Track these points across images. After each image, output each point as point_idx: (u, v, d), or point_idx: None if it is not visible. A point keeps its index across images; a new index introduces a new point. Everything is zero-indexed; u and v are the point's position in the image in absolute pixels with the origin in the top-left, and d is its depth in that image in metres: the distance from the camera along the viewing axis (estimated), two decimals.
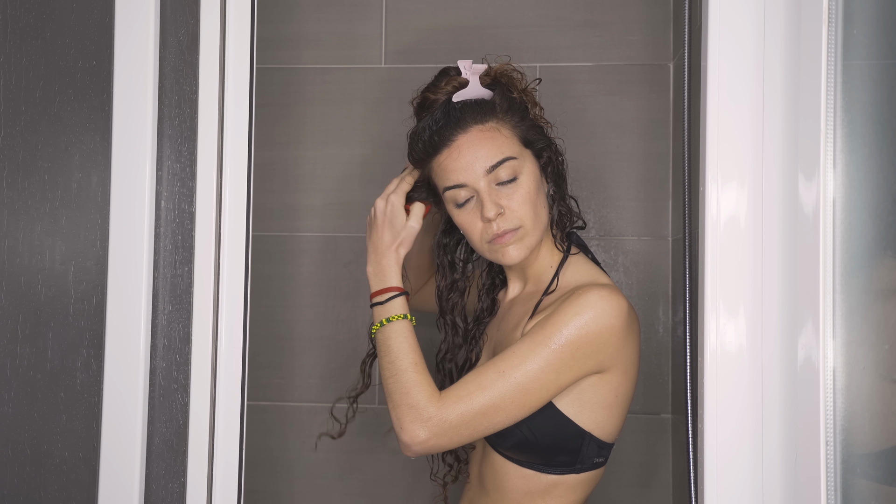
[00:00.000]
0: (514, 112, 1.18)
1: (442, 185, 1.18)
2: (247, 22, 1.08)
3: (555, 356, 1.09)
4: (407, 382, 1.12)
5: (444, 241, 1.30)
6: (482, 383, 1.10)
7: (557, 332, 1.09)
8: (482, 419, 1.10)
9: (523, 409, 1.11)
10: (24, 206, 1.08)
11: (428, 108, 1.21)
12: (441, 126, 1.16)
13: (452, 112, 1.16)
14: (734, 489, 0.95)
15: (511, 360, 1.10)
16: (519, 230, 1.15)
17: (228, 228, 1.07)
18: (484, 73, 1.20)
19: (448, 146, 1.16)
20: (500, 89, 1.19)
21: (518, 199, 1.14)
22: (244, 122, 1.07)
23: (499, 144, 1.15)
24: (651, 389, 1.69)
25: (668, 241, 1.69)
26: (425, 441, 1.10)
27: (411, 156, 1.23)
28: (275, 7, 1.76)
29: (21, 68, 1.08)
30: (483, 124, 1.15)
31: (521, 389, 1.09)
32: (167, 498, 1.06)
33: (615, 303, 1.11)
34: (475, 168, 1.14)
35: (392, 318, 1.17)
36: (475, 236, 1.17)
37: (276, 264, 1.77)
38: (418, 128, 1.20)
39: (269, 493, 1.76)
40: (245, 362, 1.07)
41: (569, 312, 1.10)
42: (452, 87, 1.18)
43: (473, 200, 1.16)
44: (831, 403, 0.85)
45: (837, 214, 0.86)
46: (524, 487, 1.18)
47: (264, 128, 1.72)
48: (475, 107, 1.16)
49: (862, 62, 0.86)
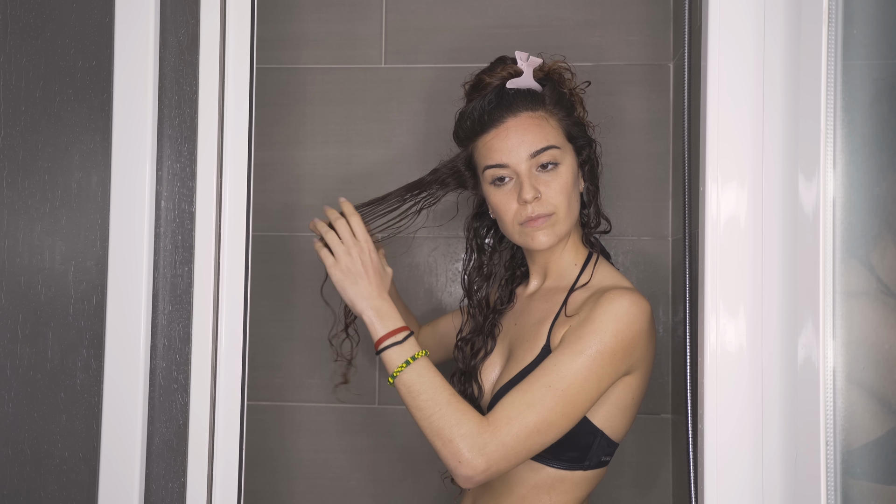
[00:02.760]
0: (562, 106, 1.23)
1: (484, 163, 1.21)
2: (247, 22, 1.08)
3: (596, 364, 1.09)
4: (454, 414, 1.08)
5: (475, 225, 1.35)
6: (531, 400, 1.08)
7: (597, 340, 1.10)
8: (536, 437, 1.08)
9: (572, 421, 1.10)
10: (24, 206, 1.08)
11: (480, 91, 1.24)
12: (494, 107, 1.20)
13: (505, 96, 1.20)
14: (734, 489, 0.95)
15: (556, 372, 1.09)
16: (552, 216, 1.17)
17: (228, 228, 1.07)
18: (538, 68, 1.23)
19: (496, 126, 1.19)
20: (550, 84, 1.23)
21: (556, 186, 1.17)
22: (244, 122, 1.07)
23: (545, 132, 1.18)
24: (651, 389, 1.69)
25: (668, 241, 1.69)
26: (486, 469, 1.06)
27: (458, 133, 1.26)
28: (275, 7, 1.76)
29: (21, 68, 1.08)
30: (533, 112, 1.19)
31: (569, 401, 1.08)
32: (167, 498, 1.06)
33: (644, 307, 1.13)
34: (520, 151, 1.17)
35: (417, 356, 1.13)
36: (508, 217, 1.20)
37: (276, 264, 1.77)
38: (469, 107, 1.24)
39: (269, 493, 1.76)
40: (245, 362, 1.07)
41: (604, 319, 1.10)
42: (508, 73, 1.22)
43: (512, 182, 1.19)
44: (831, 403, 0.85)
45: (837, 214, 0.86)
46: (531, 480, 1.19)
47: (264, 128, 1.72)
48: (527, 94, 1.20)
49: (862, 62, 0.85)
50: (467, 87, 1.29)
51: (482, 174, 1.22)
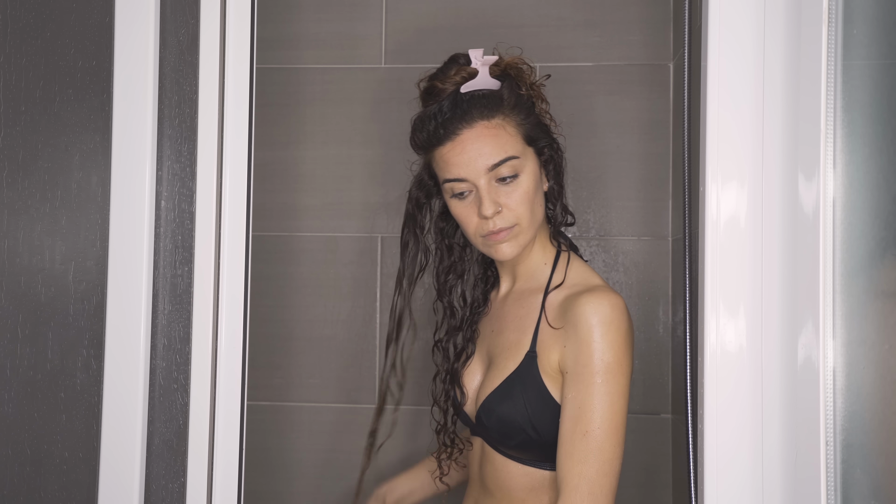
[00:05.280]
0: (520, 108, 1.18)
1: (442, 175, 1.18)
2: (247, 22, 1.08)
3: (610, 384, 1.09)
4: None
5: (442, 226, 1.32)
6: (581, 457, 1.08)
7: (599, 361, 1.09)
8: (605, 480, 1.08)
9: (622, 444, 1.10)
10: (24, 206, 1.08)
11: (435, 96, 1.19)
12: (447, 118, 1.15)
13: (459, 104, 1.15)
14: (734, 489, 0.95)
15: (583, 415, 1.08)
16: (514, 228, 1.15)
17: (228, 228, 1.07)
18: (494, 64, 1.19)
19: (452, 139, 1.15)
20: (508, 83, 1.18)
21: (516, 197, 1.14)
22: (244, 122, 1.07)
23: (502, 142, 1.14)
24: (651, 389, 1.69)
25: (668, 241, 1.69)
26: None
27: (414, 141, 1.22)
28: (275, 7, 1.76)
29: (21, 68, 1.08)
30: (489, 120, 1.15)
31: (609, 431, 1.08)
32: (167, 498, 1.06)
33: (621, 305, 1.12)
34: (477, 164, 1.13)
35: None
36: (470, 229, 1.18)
37: (276, 264, 1.77)
38: (424, 115, 1.19)
39: (269, 493, 1.76)
40: (245, 362, 1.07)
41: (595, 336, 1.09)
42: (461, 77, 1.18)
43: (472, 195, 1.16)
44: (831, 403, 0.85)
45: (837, 214, 0.86)
46: (528, 484, 1.18)
47: (264, 128, 1.72)
48: (482, 101, 1.15)
49: (862, 62, 0.85)
50: (421, 90, 1.24)
51: (442, 186, 1.20)
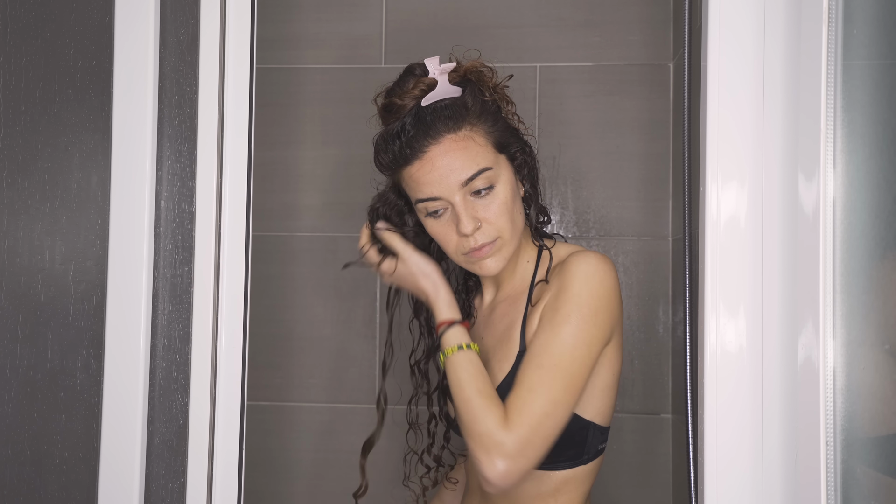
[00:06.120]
0: (486, 115, 1.12)
1: (414, 196, 1.12)
2: (247, 22, 1.08)
3: (581, 329, 1.05)
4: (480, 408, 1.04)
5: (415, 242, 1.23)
6: (531, 386, 1.04)
7: (574, 306, 1.06)
8: (548, 420, 1.03)
9: (574, 393, 1.05)
10: (24, 206, 1.08)
11: (395, 113, 1.13)
12: (411, 136, 1.09)
13: (422, 119, 1.09)
14: (734, 489, 0.95)
15: (544, 351, 1.05)
16: (497, 241, 1.11)
17: (228, 228, 1.07)
18: (452, 71, 1.13)
19: (420, 158, 1.09)
20: (470, 89, 1.12)
21: (494, 209, 1.10)
22: (244, 122, 1.07)
23: (473, 155, 1.08)
24: (651, 389, 1.69)
25: (668, 241, 1.69)
26: (506, 472, 1.01)
27: (379, 162, 1.15)
28: (275, 7, 1.76)
29: (21, 68, 1.08)
30: (456, 133, 1.09)
31: (566, 374, 1.04)
32: (167, 498, 1.06)
33: (610, 264, 1.10)
34: (449, 181, 1.08)
35: (473, 347, 1.11)
36: (450, 247, 1.13)
37: (276, 264, 1.77)
38: (387, 135, 1.12)
39: (269, 493, 1.76)
40: (245, 362, 1.07)
41: (576, 283, 1.07)
42: (420, 90, 1.11)
43: (448, 212, 1.11)
44: (831, 403, 0.85)
45: (837, 214, 0.86)
46: (534, 490, 1.17)
47: (264, 128, 1.72)
48: (447, 112, 1.09)
49: (862, 62, 0.85)
50: (379, 107, 1.17)
51: (415, 206, 1.14)
